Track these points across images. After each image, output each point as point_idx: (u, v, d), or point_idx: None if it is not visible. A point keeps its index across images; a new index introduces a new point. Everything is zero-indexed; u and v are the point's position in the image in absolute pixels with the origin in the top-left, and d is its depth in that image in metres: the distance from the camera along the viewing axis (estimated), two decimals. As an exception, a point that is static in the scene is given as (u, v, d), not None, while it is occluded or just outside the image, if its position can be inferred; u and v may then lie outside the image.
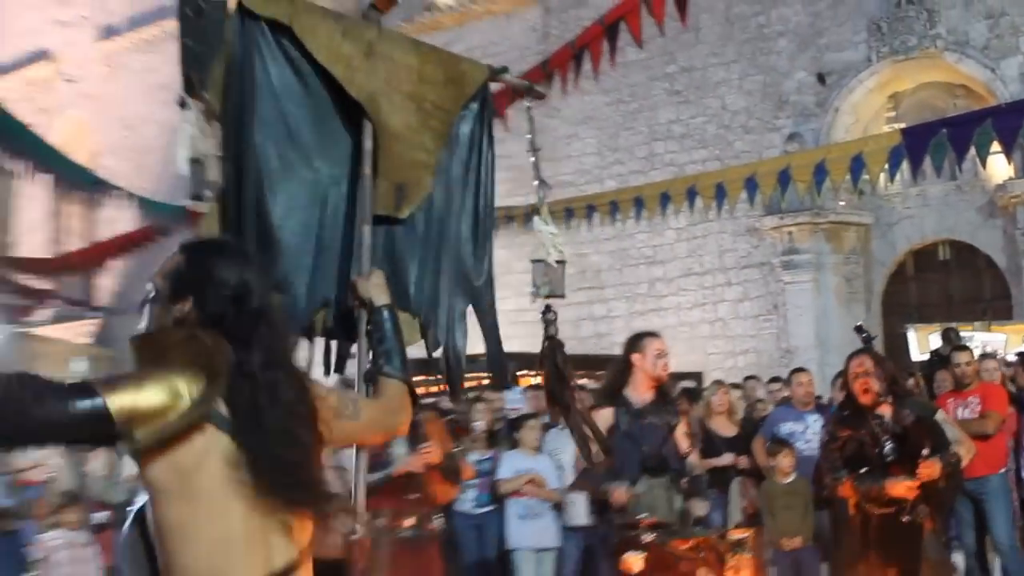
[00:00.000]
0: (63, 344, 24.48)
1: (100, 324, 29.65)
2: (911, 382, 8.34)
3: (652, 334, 7.04)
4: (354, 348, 3.99)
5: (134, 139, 30.53)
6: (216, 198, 3.83)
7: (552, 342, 5.44)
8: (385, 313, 3.71)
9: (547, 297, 5.37)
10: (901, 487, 6.45)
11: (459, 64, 4.52)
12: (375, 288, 3.76)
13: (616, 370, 6.93)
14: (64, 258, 22.26)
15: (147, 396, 2.73)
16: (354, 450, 4.06)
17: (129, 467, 8.62)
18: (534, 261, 5.37)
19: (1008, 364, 9.91)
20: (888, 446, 6.62)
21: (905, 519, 6.54)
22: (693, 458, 6.91)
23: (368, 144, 4.00)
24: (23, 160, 12.60)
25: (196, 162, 3.82)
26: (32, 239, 31.12)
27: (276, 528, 2.84)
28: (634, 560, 6.01)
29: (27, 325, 25.08)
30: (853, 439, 6.64)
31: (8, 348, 18.64)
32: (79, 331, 29.45)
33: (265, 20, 3.81)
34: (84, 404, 2.65)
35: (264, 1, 3.81)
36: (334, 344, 4.14)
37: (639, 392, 6.75)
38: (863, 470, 6.54)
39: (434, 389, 15.84)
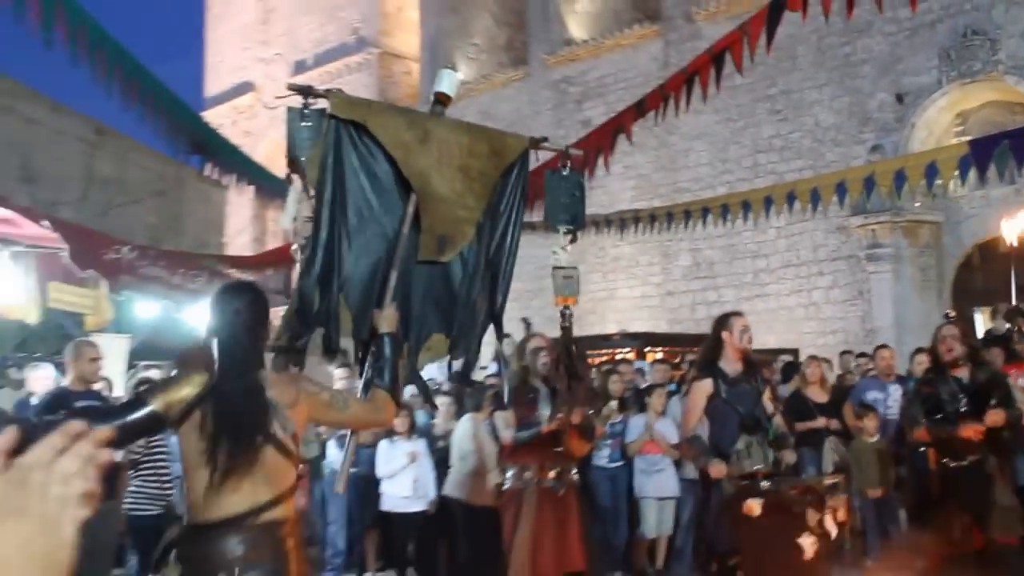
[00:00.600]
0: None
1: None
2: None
3: (737, 313, 6.94)
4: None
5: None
6: (305, 248, 4.37)
7: (565, 332, 5.80)
8: (386, 339, 4.20)
9: (564, 299, 5.63)
10: (970, 430, 6.43)
11: (504, 138, 4.91)
12: (384, 319, 4.23)
13: (708, 346, 6.84)
14: (265, 255, 22.94)
15: (174, 391, 3.66)
16: (348, 433, 4.59)
17: (319, 427, 8.83)
18: (555, 268, 5.72)
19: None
20: (962, 400, 6.63)
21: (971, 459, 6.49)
22: (778, 419, 6.90)
23: (410, 209, 4.48)
24: (233, 174, 12.93)
25: (295, 221, 4.38)
26: (240, 239, 32.13)
27: (256, 476, 3.62)
28: (755, 505, 6.03)
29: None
30: (933, 395, 6.66)
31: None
32: (277, 314, 30.33)
33: (349, 120, 4.36)
34: (139, 414, 3.59)
35: (348, 107, 4.39)
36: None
37: (730, 364, 6.67)
38: (938, 417, 6.57)
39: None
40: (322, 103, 4.34)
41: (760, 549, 6.11)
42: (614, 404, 9.58)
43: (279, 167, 4.77)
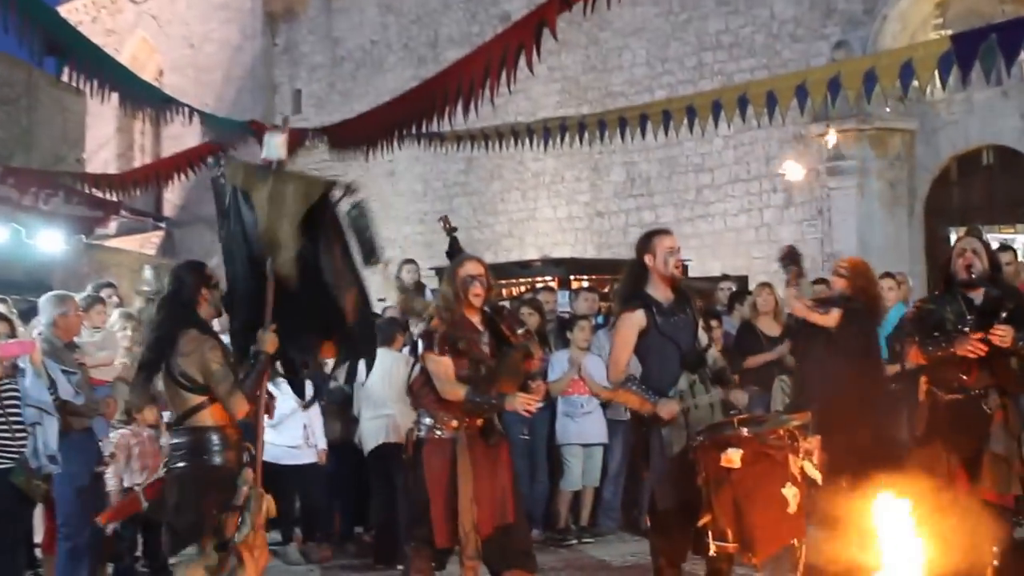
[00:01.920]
0: (131, 255, 24.82)
1: (164, 236, 30.12)
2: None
3: (662, 232, 6.94)
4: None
5: (197, 57, 30.67)
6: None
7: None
8: (261, 356, 6.12)
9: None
10: (969, 345, 6.41)
11: (312, 182, 6.57)
12: (264, 340, 6.10)
13: (631, 272, 6.85)
14: (132, 173, 22.51)
15: None
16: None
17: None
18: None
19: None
20: (969, 321, 6.60)
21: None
22: (714, 352, 6.93)
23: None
24: (94, 79, 12.74)
25: None
26: (102, 155, 31.46)
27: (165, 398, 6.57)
28: (734, 455, 6.03)
29: (97, 237, 25.47)
30: (935, 313, 6.60)
31: (80, 259, 18.92)
32: (145, 242, 29.88)
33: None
34: None
35: (235, 175, 6.38)
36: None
37: (659, 291, 6.70)
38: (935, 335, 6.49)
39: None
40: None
41: (741, 505, 6.11)
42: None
43: (147, 71, 4.69)
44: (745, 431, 6.10)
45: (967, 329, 6.55)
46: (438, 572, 6.77)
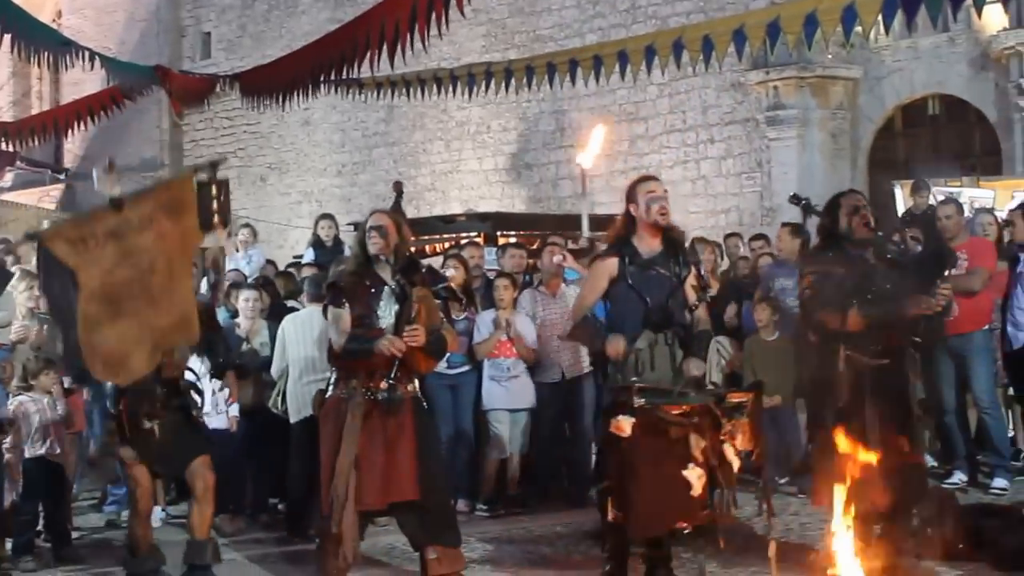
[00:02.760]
0: (28, 210, 24.43)
1: (65, 189, 29.56)
2: (896, 237, 8.38)
3: (645, 178, 7.01)
4: None
5: (96, -3, 30.14)
6: None
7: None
8: None
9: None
10: (921, 306, 6.41)
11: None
12: None
13: (619, 223, 6.89)
14: (28, 120, 22.05)
15: None
16: None
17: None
18: None
19: (1006, 224, 9.96)
20: (890, 276, 6.59)
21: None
22: (700, 312, 6.83)
23: None
24: None
25: None
26: (-6, 102, 30.91)
27: None
28: (625, 423, 6.06)
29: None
30: (851, 275, 6.58)
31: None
32: (44, 196, 29.36)
33: None
34: None
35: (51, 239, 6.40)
36: None
37: (645, 242, 6.70)
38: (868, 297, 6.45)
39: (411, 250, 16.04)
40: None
41: (629, 478, 6.17)
42: None
43: (44, 12, 4.55)
44: (640, 401, 6.10)
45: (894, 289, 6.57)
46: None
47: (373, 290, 6.64)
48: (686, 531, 6.29)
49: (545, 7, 23.50)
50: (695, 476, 5.88)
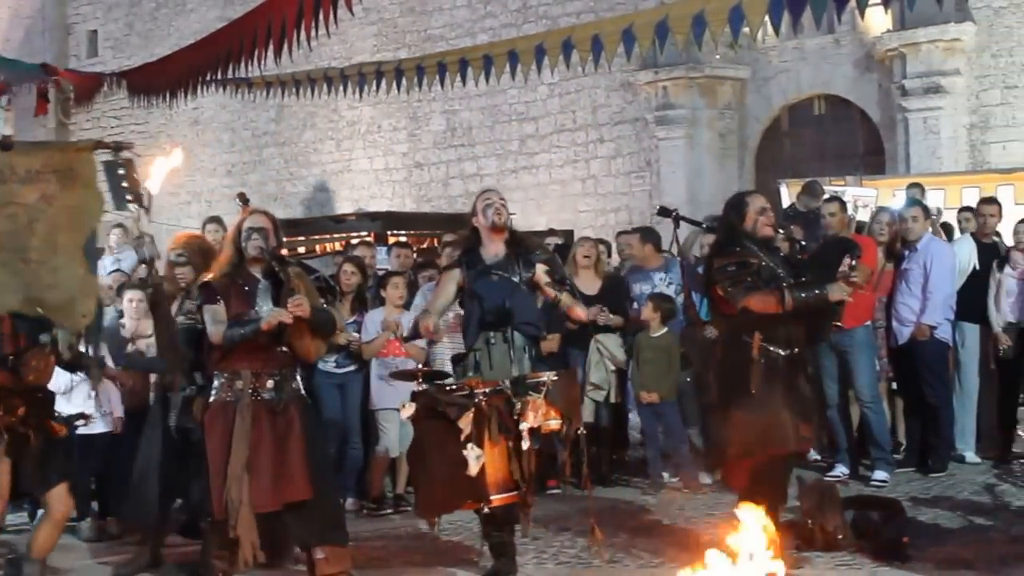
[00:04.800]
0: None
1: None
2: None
3: (485, 190, 7.32)
4: None
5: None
6: None
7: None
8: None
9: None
10: (841, 291, 6.51)
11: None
12: None
13: (464, 234, 7.37)
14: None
15: None
16: None
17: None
18: None
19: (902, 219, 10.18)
20: (786, 272, 6.73)
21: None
22: (566, 300, 7.09)
23: None
24: None
25: None
26: None
27: None
28: (407, 408, 6.46)
29: None
30: (763, 267, 6.69)
31: None
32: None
33: None
34: None
35: None
36: None
37: (490, 249, 7.05)
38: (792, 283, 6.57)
39: (301, 250, 15.98)
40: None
41: (417, 462, 6.60)
42: None
43: None
44: (421, 386, 6.47)
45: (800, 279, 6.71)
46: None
47: (247, 288, 6.57)
48: (485, 511, 6.49)
49: (436, 7, 23.50)
50: (473, 456, 5.99)
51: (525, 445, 6.31)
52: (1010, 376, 10.10)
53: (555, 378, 6.53)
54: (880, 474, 9.37)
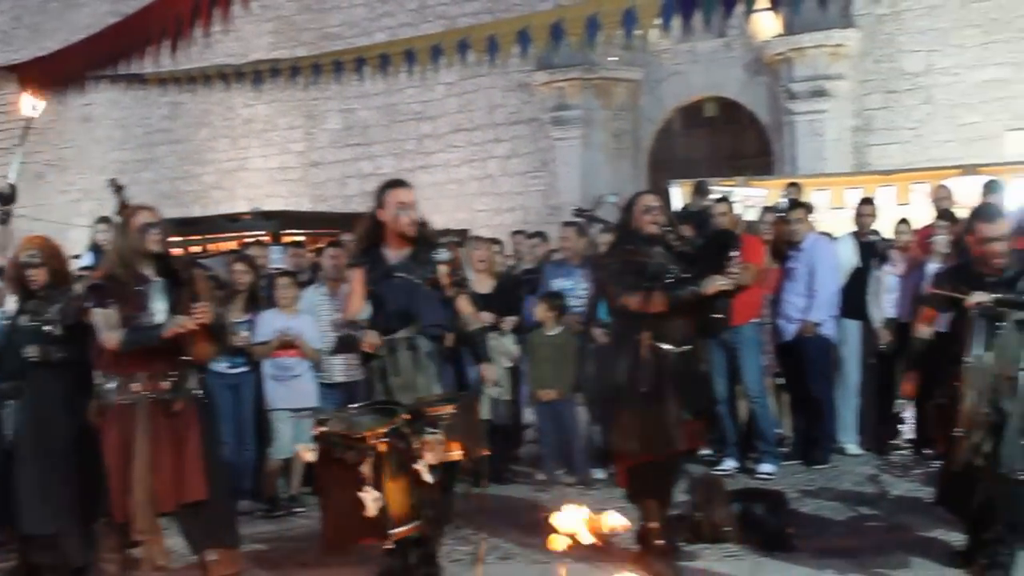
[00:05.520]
0: None
1: None
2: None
3: (396, 184, 6.97)
4: None
5: None
6: None
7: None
8: None
9: None
10: (717, 284, 6.52)
11: None
12: None
13: (365, 227, 6.97)
14: None
15: None
16: None
17: None
18: None
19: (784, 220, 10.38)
20: (679, 268, 6.82)
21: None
22: (464, 306, 6.97)
23: None
24: None
25: None
26: None
27: None
28: (306, 451, 6.31)
29: None
30: (641, 264, 6.77)
31: None
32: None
33: None
34: None
35: None
36: None
37: (393, 247, 6.83)
38: (667, 281, 6.63)
39: (195, 249, 15.86)
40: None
41: (321, 499, 6.46)
42: None
43: None
44: (318, 429, 6.26)
45: (684, 276, 6.79)
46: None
47: (139, 288, 6.45)
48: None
49: (334, 5, 23.36)
50: (370, 499, 5.92)
51: (427, 478, 6.24)
52: (889, 370, 10.36)
53: (453, 411, 6.34)
54: (767, 467, 9.58)
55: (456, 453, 6.34)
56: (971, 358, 6.23)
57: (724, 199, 10.66)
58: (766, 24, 17.72)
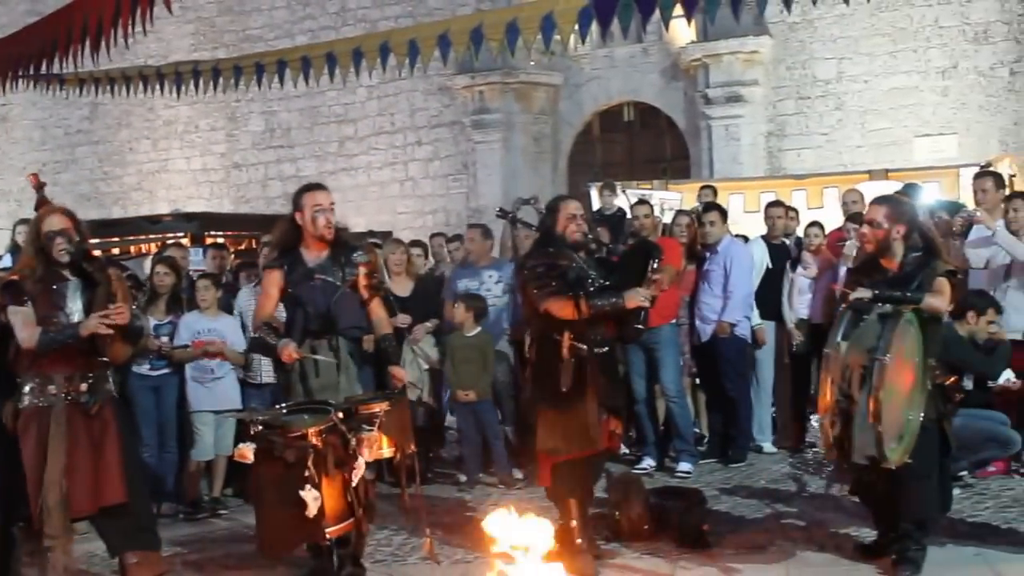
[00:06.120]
0: None
1: None
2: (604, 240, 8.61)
3: (313, 187, 6.95)
4: None
5: None
6: None
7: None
8: None
9: None
10: (638, 297, 6.57)
11: None
12: None
13: (283, 229, 6.94)
14: None
15: None
16: None
17: None
18: None
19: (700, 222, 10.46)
20: (599, 274, 6.85)
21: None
22: (376, 310, 6.96)
23: None
24: None
25: None
26: None
27: None
28: (246, 451, 6.18)
29: None
30: (572, 268, 6.79)
31: None
32: None
33: None
34: None
35: None
36: None
37: (312, 250, 6.79)
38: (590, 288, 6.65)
39: (116, 251, 15.67)
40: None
41: (257, 502, 6.35)
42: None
43: None
44: (257, 428, 6.17)
45: (607, 283, 6.82)
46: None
47: (56, 287, 6.32)
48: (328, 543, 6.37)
49: (255, 7, 23.26)
50: (311, 498, 5.90)
51: (360, 475, 6.22)
52: (803, 370, 10.47)
53: (387, 408, 6.33)
54: (684, 465, 9.62)
55: (389, 450, 6.37)
56: (830, 347, 6.28)
57: (645, 203, 10.71)
58: (682, 31, 17.88)
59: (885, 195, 7.61)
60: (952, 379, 6.64)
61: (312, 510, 5.92)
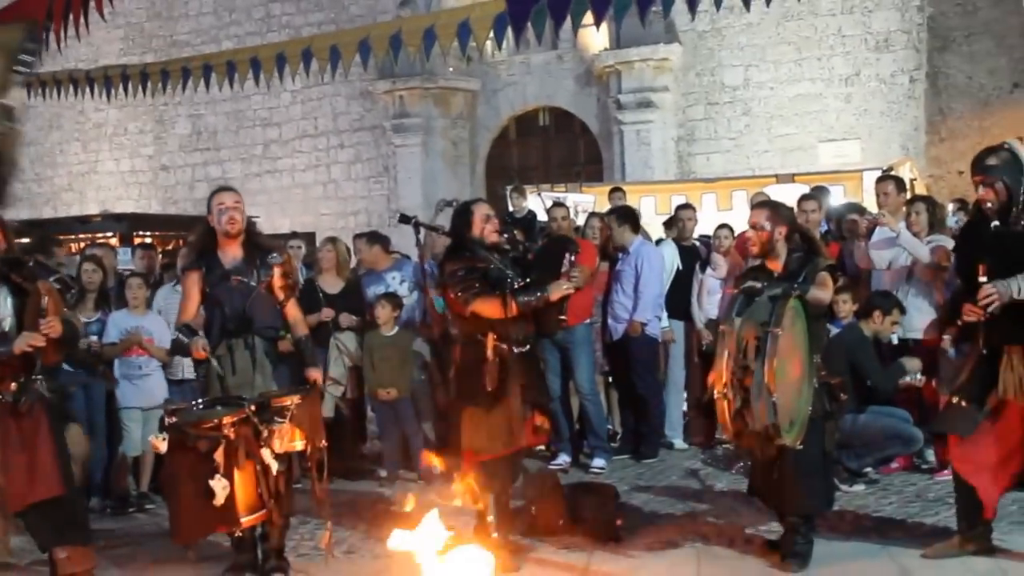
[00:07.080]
0: None
1: None
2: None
3: (220, 189, 6.95)
4: None
5: None
6: None
7: None
8: None
9: None
10: (562, 288, 6.56)
11: None
12: None
13: (199, 232, 6.90)
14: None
15: None
16: None
17: None
18: None
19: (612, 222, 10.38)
20: (516, 273, 6.75)
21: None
22: (291, 311, 6.88)
23: None
24: None
25: None
26: None
27: None
28: (158, 442, 6.10)
29: None
30: (491, 269, 6.69)
31: None
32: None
33: None
34: None
35: None
36: None
37: (228, 252, 6.72)
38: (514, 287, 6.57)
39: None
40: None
41: (170, 491, 6.28)
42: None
43: None
44: (171, 419, 6.11)
45: (524, 281, 6.72)
46: None
47: None
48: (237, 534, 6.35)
49: (183, 12, 22.94)
50: (219, 487, 5.83)
51: (273, 467, 6.11)
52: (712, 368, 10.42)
53: (299, 401, 6.29)
54: (598, 462, 9.54)
55: (300, 443, 6.29)
56: (724, 325, 6.29)
57: (562, 205, 10.61)
58: (595, 38, 17.84)
59: (765, 199, 7.63)
60: (837, 380, 6.59)
61: (220, 499, 5.85)
